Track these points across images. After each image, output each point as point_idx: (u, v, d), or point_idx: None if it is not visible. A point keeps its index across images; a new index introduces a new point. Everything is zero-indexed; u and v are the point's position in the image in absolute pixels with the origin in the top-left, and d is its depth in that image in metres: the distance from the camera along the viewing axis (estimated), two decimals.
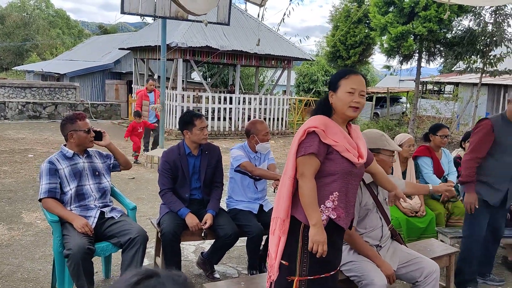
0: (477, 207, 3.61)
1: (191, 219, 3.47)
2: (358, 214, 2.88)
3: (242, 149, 3.88)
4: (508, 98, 3.67)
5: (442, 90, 23.53)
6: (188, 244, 4.49)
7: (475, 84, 18.80)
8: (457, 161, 4.94)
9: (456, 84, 20.98)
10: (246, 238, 3.66)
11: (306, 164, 2.28)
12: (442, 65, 28.03)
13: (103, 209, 3.35)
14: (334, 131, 2.31)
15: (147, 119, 9.35)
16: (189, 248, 4.50)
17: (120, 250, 3.25)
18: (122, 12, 7.25)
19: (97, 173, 3.43)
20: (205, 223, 3.49)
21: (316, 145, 2.27)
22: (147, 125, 9.30)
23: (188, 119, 3.64)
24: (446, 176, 4.77)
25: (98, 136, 3.48)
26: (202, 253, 3.95)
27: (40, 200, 3.23)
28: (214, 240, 3.71)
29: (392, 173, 3.45)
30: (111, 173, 3.60)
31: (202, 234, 3.53)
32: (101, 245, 3.21)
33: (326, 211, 2.31)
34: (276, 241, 2.37)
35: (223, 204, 3.86)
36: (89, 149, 3.48)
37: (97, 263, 3.82)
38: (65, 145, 3.40)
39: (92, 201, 3.33)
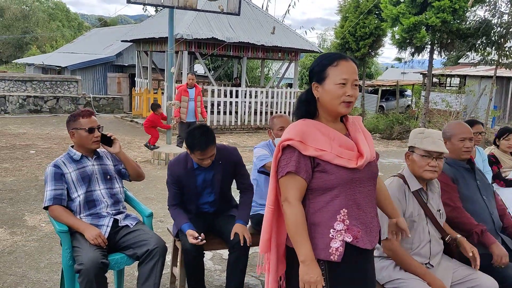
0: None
1: (188, 236, 2.95)
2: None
3: (267, 147, 3.52)
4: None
5: (443, 83, 23.18)
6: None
7: (483, 77, 18.47)
8: (491, 160, 4.61)
9: (463, 77, 20.66)
10: None
11: (287, 186, 1.89)
12: (446, 57, 27.71)
13: (116, 217, 3.00)
14: (315, 137, 1.88)
15: (185, 117, 8.47)
16: (206, 255, 4.15)
17: (135, 262, 2.92)
18: (129, 1, 6.89)
19: (108, 176, 3.08)
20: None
21: (294, 162, 1.87)
22: (163, 121, 9.03)
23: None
24: None
25: (107, 141, 3.09)
26: None
27: (46, 208, 2.89)
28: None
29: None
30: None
31: (200, 242, 2.94)
32: (115, 257, 2.87)
33: (339, 235, 1.88)
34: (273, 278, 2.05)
35: None
36: (99, 150, 3.14)
37: (109, 276, 3.49)
38: (72, 146, 3.07)
39: (104, 208, 2.99)
